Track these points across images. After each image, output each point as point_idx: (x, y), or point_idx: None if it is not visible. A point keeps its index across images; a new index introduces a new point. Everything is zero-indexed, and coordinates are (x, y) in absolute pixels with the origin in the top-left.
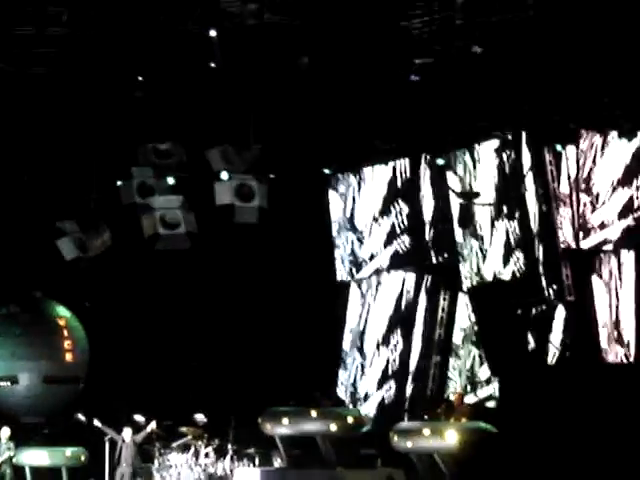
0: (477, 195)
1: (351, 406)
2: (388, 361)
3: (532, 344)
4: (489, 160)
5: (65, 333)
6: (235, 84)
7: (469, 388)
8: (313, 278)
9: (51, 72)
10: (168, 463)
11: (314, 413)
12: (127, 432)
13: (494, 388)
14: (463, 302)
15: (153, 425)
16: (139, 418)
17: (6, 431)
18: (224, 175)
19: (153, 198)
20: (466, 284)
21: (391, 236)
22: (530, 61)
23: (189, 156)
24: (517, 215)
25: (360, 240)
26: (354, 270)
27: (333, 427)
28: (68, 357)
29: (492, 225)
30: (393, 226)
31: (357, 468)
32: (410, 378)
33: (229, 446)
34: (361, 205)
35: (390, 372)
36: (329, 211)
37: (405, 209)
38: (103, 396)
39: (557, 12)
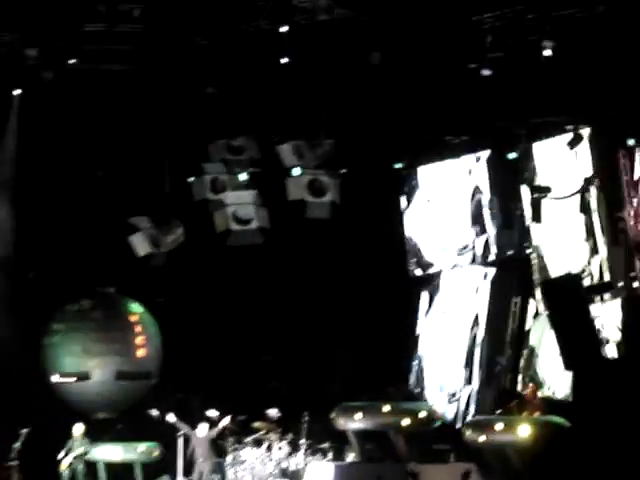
0: (548, 189)
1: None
2: (459, 356)
3: (605, 338)
4: (560, 154)
5: (138, 329)
6: (307, 79)
7: (540, 384)
8: (385, 273)
9: (124, 69)
10: (241, 458)
11: (387, 408)
12: (203, 428)
13: (566, 385)
14: (535, 297)
15: (227, 420)
16: (213, 413)
17: (80, 428)
18: (296, 170)
19: (225, 194)
20: (538, 278)
21: (461, 231)
22: (602, 55)
23: (261, 152)
24: (589, 208)
25: (430, 235)
26: (424, 266)
27: (406, 422)
28: (140, 353)
29: (563, 219)
30: (463, 221)
31: (430, 463)
32: (482, 373)
33: (302, 441)
34: (430, 200)
35: (462, 367)
36: (400, 206)
37: (475, 204)
38: (176, 392)
39: (628, 7)
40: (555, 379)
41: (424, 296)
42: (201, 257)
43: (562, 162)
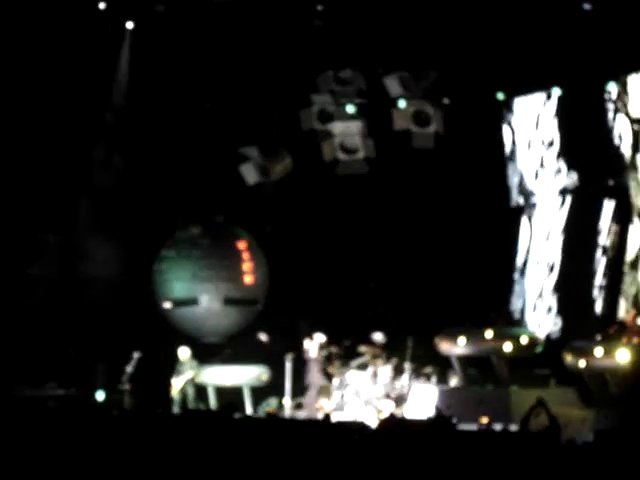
0: None
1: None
2: (559, 284)
3: None
4: None
5: (244, 256)
6: (411, 11)
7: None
8: (487, 203)
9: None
10: (347, 382)
11: (489, 333)
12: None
13: None
14: (634, 226)
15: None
16: (320, 338)
17: (185, 351)
18: (402, 102)
19: (332, 124)
20: (637, 208)
21: (560, 161)
22: None
23: (367, 83)
24: None
25: (528, 167)
26: (524, 196)
27: (507, 347)
28: (247, 279)
29: None
30: (562, 152)
31: (531, 387)
32: (583, 300)
33: (407, 365)
34: (530, 131)
35: (561, 294)
36: (502, 136)
37: (576, 134)
38: (283, 317)
39: None
40: None
41: (525, 224)
42: (309, 186)
43: None
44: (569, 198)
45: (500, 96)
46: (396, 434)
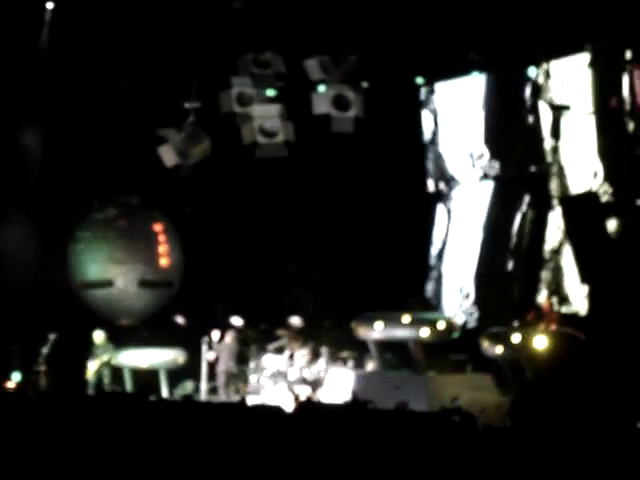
0: (568, 107)
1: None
2: (478, 271)
3: (622, 253)
4: (580, 73)
5: (160, 238)
6: None
7: (556, 301)
8: (405, 189)
9: None
10: (263, 365)
11: (406, 318)
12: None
13: (581, 304)
14: (552, 213)
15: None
16: (236, 321)
17: (100, 335)
18: (321, 85)
19: (252, 107)
20: (556, 195)
21: (478, 148)
22: None
23: (288, 66)
24: (608, 129)
25: (446, 153)
26: (442, 184)
27: (424, 332)
28: (162, 262)
29: (582, 138)
30: (481, 138)
31: (448, 373)
32: (499, 287)
33: (323, 349)
34: (449, 118)
35: (478, 280)
36: (420, 121)
37: (493, 121)
38: (200, 300)
39: None
40: (579, 293)
41: (441, 210)
42: (227, 169)
43: (580, 81)
44: (489, 185)
45: (419, 80)
46: (312, 418)
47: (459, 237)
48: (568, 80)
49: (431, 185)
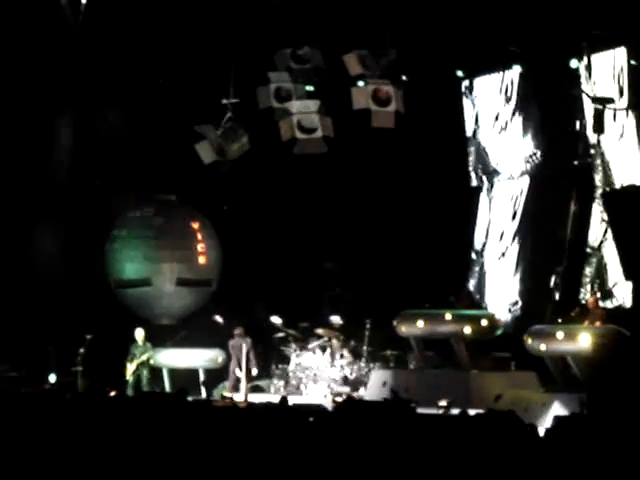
0: (611, 100)
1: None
2: (520, 266)
3: None
4: (621, 66)
5: (198, 236)
6: None
7: (599, 296)
8: (447, 183)
9: None
10: (304, 364)
11: (448, 316)
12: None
13: (624, 298)
14: (596, 207)
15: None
16: (276, 320)
17: (140, 332)
18: (361, 80)
19: (290, 103)
20: (599, 189)
21: (521, 141)
22: None
23: (326, 61)
24: None
25: (490, 147)
26: (485, 177)
27: (467, 330)
28: (201, 260)
29: (624, 131)
30: (523, 131)
31: (491, 371)
32: (543, 282)
33: (364, 348)
34: (492, 111)
35: (522, 276)
36: (463, 116)
37: (536, 113)
38: (239, 299)
39: None
40: (624, 288)
41: (485, 205)
42: (266, 166)
43: (622, 74)
44: (532, 179)
45: (459, 74)
46: (353, 417)
47: (502, 232)
48: (609, 73)
49: (474, 179)
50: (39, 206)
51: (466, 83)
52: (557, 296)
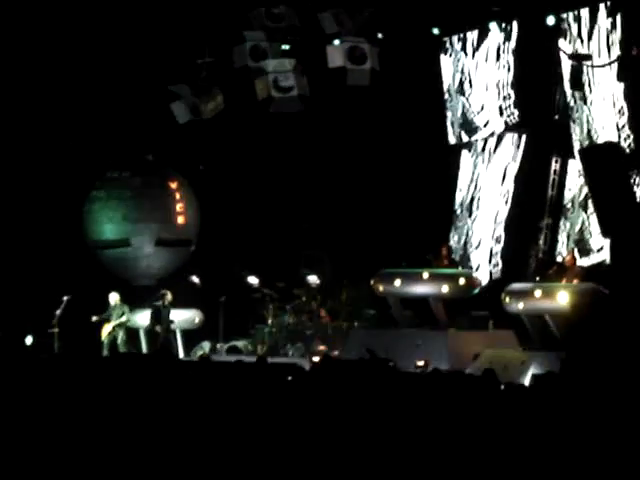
0: (589, 57)
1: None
2: (498, 223)
3: None
4: (600, 22)
5: (176, 196)
6: None
7: (578, 253)
8: (424, 141)
9: None
10: (282, 325)
11: (426, 275)
12: None
13: (604, 256)
14: (574, 165)
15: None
16: (253, 280)
17: (114, 296)
18: (336, 38)
19: (266, 61)
20: (577, 146)
21: (501, 99)
22: None
23: (301, 19)
24: (630, 78)
25: (470, 104)
26: (464, 134)
27: (445, 289)
28: (179, 220)
29: (603, 88)
30: (503, 89)
31: (469, 329)
32: (521, 240)
33: (342, 307)
34: (471, 68)
35: (501, 234)
36: (441, 74)
37: (515, 71)
38: (216, 259)
39: None
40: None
41: (463, 164)
42: (242, 124)
43: (602, 30)
44: (513, 135)
45: (435, 31)
46: (330, 376)
47: (484, 188)
48: (589, 30)
49: (452, 136)
50: (14, 167)
51: (446, 39)
52: (540, 253)
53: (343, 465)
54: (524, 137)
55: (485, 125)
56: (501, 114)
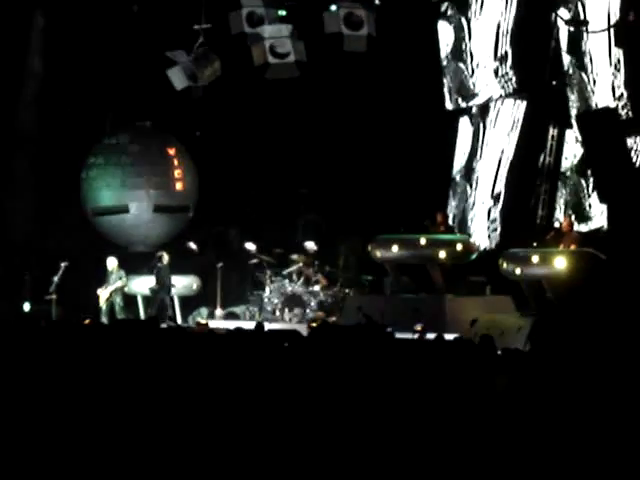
0: (586, 23)
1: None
2: (496, 189)
3: None
4: None
5: (175, 162)
6: None
7: (576, 219)
8: (422, 107)
9: None
10: (279, 290)
11: (423, 240)
12: None
13: (602, 221)
14: (571, 132)
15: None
16: (250, 246)
17: (112, 261)
18: (333, 4)
19: (262, 27)
20: (574, 112)
21: (499, 65)
22: None
23: None
24: (627, 43)
25: (468, 70)
26: (462, 100)
27: (442, 254)
28: (178, 186)
29: (600, 53)
30: (502, 55)
31: (466, 295)
32: (519, 205)
33: (339, 273)
34: (469, 34)
35: (499, 200)
36: (438, 40)
37: (514, 37)
38: (214, 225)
39: None
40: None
41: (462, 130)
42: (238, 91)
43: None
44: (512, 101)
45: None
46: (328, 342)
47: (483, 154)
48: None
49: (449, 102)
50: (11, 135)
51: (443, 5)
52: (538, 218)
53: (341, 433)
54: (522, 103)
55: (482, 91)
56: (498, 80)
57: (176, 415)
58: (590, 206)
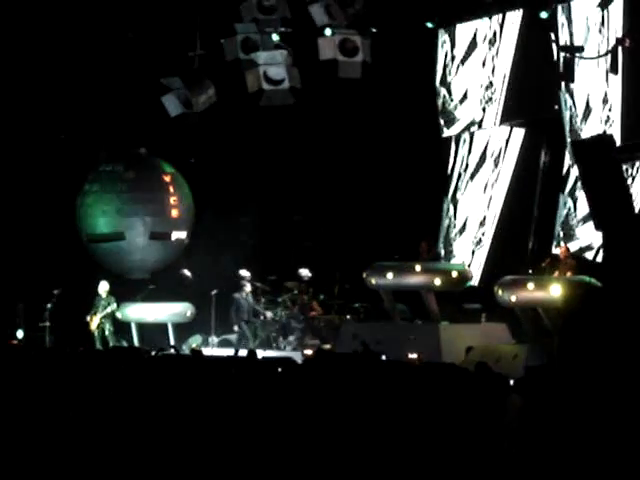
0: (581, 49)
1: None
2: (487, 217)
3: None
4: (592, 15)
5: (170, 189)
6: None
7: (563, 237)
8: (417, 134)
9: None
10: (273, 318)
11: (418, 268)
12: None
13: (591, 240)
14: (566, 156)
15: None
16: (244, 273)
17: (104, 285)
18: (328, 30)
19: (257, 54)
20: (568, 138)
21: (489, 91)
22: None
23: (293, 11)
24: (620, 70)
25: (456, 96)
26: (450, 126)
27: (437, 281)
28: (174, 213)
29: (595, 80)
30: (491, 82)
31: (461, 322)
32: (512, 233)
33: (334, 301)
34: (458, 61)
35: (491, 227)
36: (434, 66)
37: (505, 63)
38: (208, 253)
39: None
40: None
41: (452, 156)
42: (233, 117)
43: (593, 23)
44: (504, 129)
45: (429, 25)
46: (323, 369)
47: (474, 182)
48: (579, 22)
49: (443, 129)
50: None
51: (441, 32)
52: (530, 245)
53: (336, 457)
54: (512, 130)
55: (470, 117)
56: (487, 106)
57: (171, 441)
58: (577, 226)
